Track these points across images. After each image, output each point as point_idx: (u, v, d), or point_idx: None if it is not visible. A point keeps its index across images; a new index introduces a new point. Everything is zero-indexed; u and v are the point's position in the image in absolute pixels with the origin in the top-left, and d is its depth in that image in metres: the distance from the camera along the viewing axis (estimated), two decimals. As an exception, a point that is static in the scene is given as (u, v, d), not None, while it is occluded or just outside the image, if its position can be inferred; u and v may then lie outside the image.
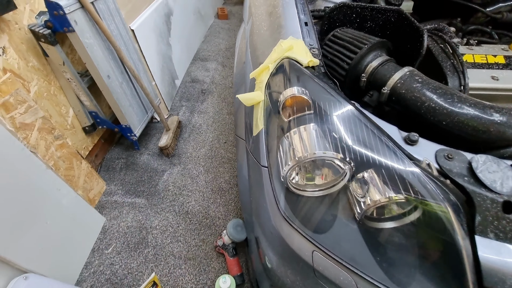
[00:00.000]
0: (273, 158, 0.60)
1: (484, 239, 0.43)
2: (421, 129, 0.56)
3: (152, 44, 1.58)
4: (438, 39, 0.70)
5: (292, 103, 0.57)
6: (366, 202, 0.48)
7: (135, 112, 1.32)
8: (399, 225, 0.49)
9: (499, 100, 0.65)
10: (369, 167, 0.49)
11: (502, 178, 0.45)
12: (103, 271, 1.03)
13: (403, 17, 0.69)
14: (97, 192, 1.26)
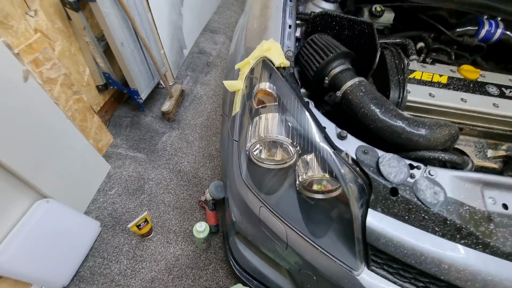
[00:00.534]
0: (243, 135, 0.77)
1: (374, 211, 0.61)
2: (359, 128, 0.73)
3: (164, 13, 1.68)
4: (396, 54, 0.83)
5: (262, 94, 0.73)
6: (304, 177, 0.66)
7: (143, 77, 1.48)
8: (325, 197, 0.67)
9: (433, 114, 0.80)
10: (311, 152, 0.67)
11: (397, 172, 0.61)
12: (105, 207, 1.27)
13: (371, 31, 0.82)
14: (105, 143, 1.46)
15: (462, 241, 0.58)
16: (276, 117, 0.71)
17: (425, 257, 0.58)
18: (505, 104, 0.78)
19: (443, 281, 0.59)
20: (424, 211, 0.59)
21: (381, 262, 0.64)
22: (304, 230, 0.69)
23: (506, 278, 0.55)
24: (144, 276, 1.10)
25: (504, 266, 0.56)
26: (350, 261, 0.64)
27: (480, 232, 0.57)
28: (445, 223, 0.58)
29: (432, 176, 0.62)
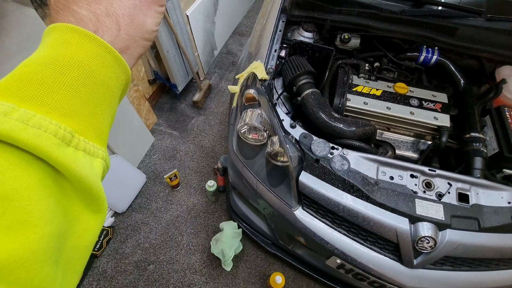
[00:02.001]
0: (236, 121, 1.20)
1: (305, 172, 1.00)
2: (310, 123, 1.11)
3: (200, 24, 2.14)
4: (346, 72, 1.18)
5: (248, 96, 1.15)
6: (269, 149, 1.07)
7: (181, 75, 1.98)
8: (281, 164, 1.08)
9: (366, 116, 1.15)
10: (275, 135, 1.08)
11: (321, 150, 1.00)
12: (150, 166, 1.81)
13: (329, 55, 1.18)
14: (151, 122, 2.00)
15: (354, 194, 0.96)
16: (256, 112, 1.12)
17: (331, 201, 0.97)
18: (419, 113, 1.11)
19: (341, 216, 0.97)
20: (333, 174, 0.97)
21: (308, 204, 1.04)
22: (265, 182, 1.11)
23: (376, 217, 0.92)
24: (172, 213, 1.62)
25: (376, 210, 0.93)
26: (290, 202, 1.05)
27: (366, 190, 0.95)
28: (344, 182, 0.96)
29: (345, 154, 1.00)
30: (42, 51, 0.20)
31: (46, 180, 0.17)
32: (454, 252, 0.89)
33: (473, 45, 1.17)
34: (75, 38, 0.20)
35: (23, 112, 0.16)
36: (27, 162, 0.16)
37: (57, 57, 0.19)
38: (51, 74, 0.18)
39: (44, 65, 0.19)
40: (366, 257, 0.98)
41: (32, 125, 0.16)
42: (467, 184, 0.94)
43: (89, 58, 0.20)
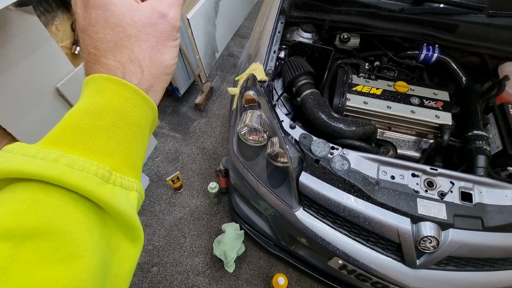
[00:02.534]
0: (236, 122, 1.21)
1: (305, 173, 1.00)
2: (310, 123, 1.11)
3: (201, 27, 2.16)
4: (346, 72, 1.18)
5: (248, 97, 1.15)
6: (269, 150, 1.08)
7: (182, 78, 1.99)
8: (281, 165, 1.08)
9: (366, 115, 1.14)
10: (274, 136, 1.08)
11: (321, 150, 1.00)
12: (153, 169, 1.83)
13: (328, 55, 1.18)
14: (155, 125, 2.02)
15: (355, 194, 0.95)
16: (256, 113, 1.13)
17: (331, 201, 0.96)
18: (420, 111, 1.10)
19: (342, 217, 0.97)
20: (333, 174, 0.96)
21: (309, 205, 1.04)
22: (266, 183, 1.11)
23: (377, 217, 0.92)
24: (175, 215, 1.63)
25: (377, 210, 0.92)
26: (291, 203, 1.05)
27: (367, 189, 0.94)
28: (345, 182, 0.95)
29: (344, 154, 0.99)
30: (82, 101, 0.24)
31: (90, 215, 0.20)
32: (458, 252, 0.88)
33: (475, 42, 1.16)
34: (107, 85, 0.23)
35: (69, 158, 0.20)
36: (75, 200, 0.20)
37: (94, 104, 0.23)
38: (90, 121, 0.22)
39: (84, 113, 0.22)
40: (368, 257, 0.97)
41: (77, 168, 0.20)
42: (470, 183, 0.93)
43: (121, 102, 0.23)
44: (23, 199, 0.18)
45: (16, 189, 0.19)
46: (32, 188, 0.19)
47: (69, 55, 1.24)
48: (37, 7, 1.07)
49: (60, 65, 1.17)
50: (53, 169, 0.19)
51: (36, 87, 1.09)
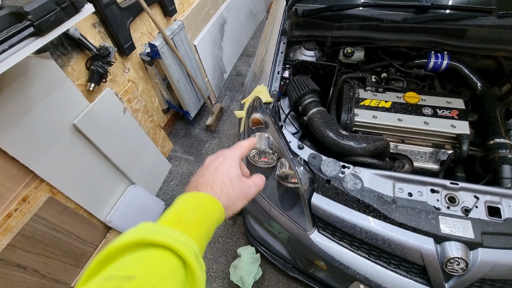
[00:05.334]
0: (245, 146, 1.21)
1: (316, 194, 0.98)
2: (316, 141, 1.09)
3: (207, 51, 2.23)
4: (352, 87, 1.16)
5: (255, 120, 1.16)
6: (279, 172, 1.06)
7: (192, 101, 2.05)
8: (292, 186, 1.06)
9: (377, 130, 1.11)
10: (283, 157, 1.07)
11: (332, 170, 0.97)
12: (168, 193, 1.85)
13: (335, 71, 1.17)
14: (168, 149, 2.07)
15: (371, 214, 0.91)
16: (263, 135, 1.12)
17: (346, 223, 0.93)
18: (434, 122, 1.05)
19: (358, 239, 0.92)
20: (346, 194, 0.93)
21: (323, 227, 1.00)
22: (278, 205, 1.09)
23: (397, 238, 0.86)
24: (191, 239, 1.62)
25: (396, 230, 0.87)
26: (304, 225, 1.02)
27: (383, 209, 0.89)
28: (359, 202, 0.91)
29: (356, 172, 0.96)
30: (190, 202, 0.39)
31: (176, 262, 0.31)
32: (491, 273, 0.80)
33: (487, 45, 1.11)
34: (209, 200, 0.40)
35: (173, 233, 0.33)
36: (183, 264, 0.32)
37: (200, 208, 0.38)
38: (197, 219, 0.37)
39: (193, 213, 0.37)
40: (391, 281, 0.92)
41: (189, 246, 0.32)
42: (497, 196, 0.86)
43: (214, 212, 0.40)
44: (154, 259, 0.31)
45: (152, 252, 0.31)
46: (159, 251, 0.31)
47: (84, 91, 1.31)
48: (54, 51, 1.15)
49: (76, 102, 1.24)
50: (175, 242, 0.31)
51: (54, 125, 1.16)
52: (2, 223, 1.03)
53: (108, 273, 0.28)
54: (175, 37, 1.73)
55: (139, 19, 1.63)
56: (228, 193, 0.42)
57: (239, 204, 0.45)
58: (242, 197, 0.45)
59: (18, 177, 1.08)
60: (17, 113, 1.02)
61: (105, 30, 1.41)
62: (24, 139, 1.05)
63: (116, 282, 0.26)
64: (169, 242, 0.31)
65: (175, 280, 0.29)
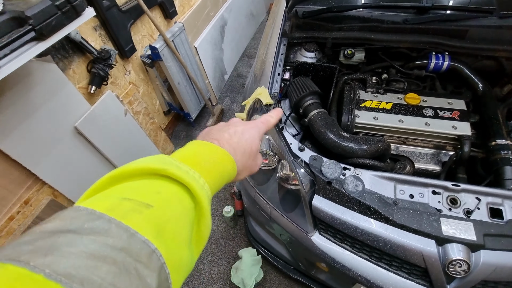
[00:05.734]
0: (246, 148, 1.21)
1: (317, 196, 0.98)
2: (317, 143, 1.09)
3: (208, 53, 2.23)
4: (352, 88, 1.16)
5: (255, 122, 1.16)
6: (280, 174, 1.06)
7: (193, 103, 2.05)
8: (293, 188, 1.07)
9: (378, 131, 1.11)
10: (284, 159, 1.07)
11: (333, 172, 0.97)
12: (169, 195, 1.85)
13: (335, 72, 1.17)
14: (169, 151, 2.07)
15: (372, 216, 0.91)
16: (264, 137, 1.13)
17: (347, 225, 0.92)
18: (435, 123, 1.05)
19: (360, 241, 0.92)
20: (347, 196, 0.93)
21: (325, 228, 1.00)
22: (279, 207, 1.09)
23: (398, 240, 0.86)
24: (192, 241, 1.63)
25: (398, 232, 0.87)
26: (305, 227, 1.02)
27: (384, 211, 0.89)
28: (360, 204, 0.91)
29: (357, 174, 0.96)
30: (208, 151, 0.38)
31: (189, 202, 0.31)
32: (493, 275, 0.80)
33: (488, 46, 1.10)
34: (229, 159, 0.39)
35: (193, 172, 0.32)
36: (187, 191, 0.31)
37: (211, 154, 0.37)
38: (212, 169, 0.35)
39: (210, 162, 0.36)
40: (393, 283, 0.91)
41: (205, 189, 0.32)
42: (499, 198, 0.86)
43: (229, 171, 0.39)
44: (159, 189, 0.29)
45: (163, 182, 0.30)
46: (177, 186, 0.30)
47: (85, 94, 1.32)
48: (55, 55, 1.16)
49: (77, 105, 1.25)
50: (185, 175, 0.30)
51: (56, 128, 1.17)
52: (5, 226, 1.04)
53: (123, 193, 0.26)
54: (175, 39, 1.74)
55: (139, 21, 1.64)
56: (243, 162, 0.42)
57: (244, 175, 0.45)
58: (249, 170, 0.45)
59: (20, 180, 1.08)
60: (19, 117, 1.02)
61: (106, 33, 1.42)
62: (26, 142, 1.05)
63: (134, 205, 0.25)
64: (189, 180, 0.30)
65: (186, 220, 0.29)
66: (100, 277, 0.19)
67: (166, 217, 0.26)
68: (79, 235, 0.20)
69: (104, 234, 0.21)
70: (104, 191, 0.27)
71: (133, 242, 0.22)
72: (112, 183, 0.29)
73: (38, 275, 0.17)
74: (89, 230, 0.21)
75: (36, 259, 0.18)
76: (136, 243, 0.22)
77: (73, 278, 0.18)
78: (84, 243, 0.20)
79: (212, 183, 0.34)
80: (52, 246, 0.19)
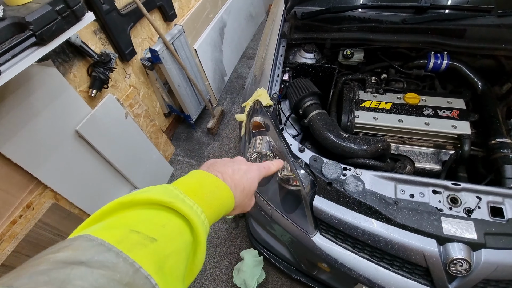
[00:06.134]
0: (245, 148, 1.21)
1: (318, 197, 0.98)
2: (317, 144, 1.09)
3: (208, 55, 2.24)
4: (352, 89, 1.16)
5: (255, 123, 1.16)
6: (281, 175, 1.07)
7: (193, 105, 2.06)
8: (294, 189, 1.07)
9: (378, 131, 1.11)
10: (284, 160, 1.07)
11: (333, 172, 0.97)
12: (170, 197, 1.86)
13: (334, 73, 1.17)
14: (170, 153, 2.08)
15: (373, 216, 0.91)
16: (264, 138, 1.13)
17: (348, 225, 0.93)
18: (435, 122, 1.05)
19: (361, 241, 0.92)
20: (348, 196, 0.93)
21: (326, 229, 1.00)
22: (280, 208, 1.09)
23: (399, 240, 0.86)
24: (194, 242, 1.63)
25: (399, 232, 0.87)
26: (306, 228, 1.02)
27: (385, 211, 0.89)
28: (361, 204, 0.91)
29: (358, 174, 0.96)
30: (210, 184, 0.39)
31: (189, 237, 0.32)
32: (494, 274, 0.80)
33: (486, 45, 1.11)
34: (229, 194, 0.40)
35: (196, 207, 0.33)
36: (189, 227, 0.32)
37: (213, 188, 0.39)
38: (213, 204, 0.37)
39: (212, 196, 0.37)
40: (394, 283, 0.91)
41: (205, 225, 0.33)
42: (499, 196, 0.86)
43: (227, 207, 0.40)
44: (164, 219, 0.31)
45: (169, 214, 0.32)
46: (180, 220, 0.32)
47: (86, 98, 1.32)
48: (56, 59, 1.17)
49: (78, 109, 1.26)
50: (189, 209, 0.32)
51: (57, 132, 1.17)
52: (7, 230, 1.04)
53: (131, 225, 0.28)
54: (175, 41, 1.74)
55: (139, 24, 1.65)
56: (241, 200, 0.43)
57: (237, 211, 0.47)
58: (242, 208, 0.48)
59: (22, 184, 1.09)
60: (21, 121, 1.03)
61: (106, 37, 1.43)
62: (28, 146, 1.06)
63: (140, 239, 0.26)
64: (192, 216, 0.31)
65: (185, 254, 0.30)
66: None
67: (167, 252, 0.28)
68: (90, 269, 0.22)
69: (112, 269, 0.23)
70: (113, 218, 0.29)
71: (137, 278, 0.24)
72: (120, 209, 0.30)
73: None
74: (99, 264, 0.22)
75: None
76: (139, 279, 0.24)
77: None
78: (94, 277, 0.21)
79: (211, 217, 0.36)
80: (66, 279, 0.20)
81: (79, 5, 0.85)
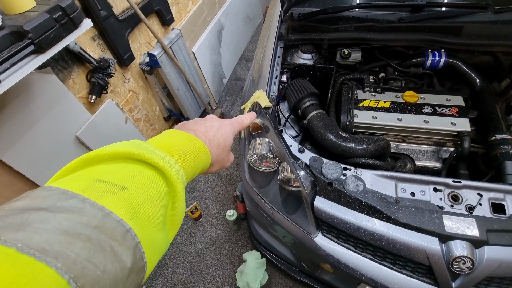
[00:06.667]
0: (246, 150, 1.21)
1: (319, 197, 0.98)
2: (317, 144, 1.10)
3: (206, 58, 2.25)
4: (350, 88, 1.16)
5: (255, 125, 1.16)
6: (281, 176, 1.07)
7: (193, 108, 2.06)
8: (295, 190, 1.07)
9: (377, 130, 1.11)
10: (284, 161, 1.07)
11: (333, 173, 0.97)
12: (172, 200, 1.86)
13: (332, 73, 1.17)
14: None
15: (374, 215, 0.91)
16: (264, 140, 1.13)
17: (350, 225, 0.92)
18: (434, 120, 1.05)
19: (363, 240, 0.92)
20: (348, 196, 0.93)
21: (327, 229, 1.00)
22: (281, 210, 1.09)
23: (401, 239, 0.86)
24: (197, 246, 1.63)
25: (400, 230, 0.87)
26: (308, 228, 1.02)
27: (386, 210, 0.89)
28: (362, 204, 0.91)
29: (358, 174, 0.96)
30: (184, 140, 0.37)
31: (164, 186, 0.30)
32: (498, 271, 0.80)
33: (484, 41, 1.11)
34: (204, 150, 0.39)
35: (169, 158, 0.32)
36: (162, 176, 0.30)
37: (186, 142, 0.37)
38: (188, 158, 0.35)
39: (186, 150, 0.36)
40: (398, 282, 0.91)
41: (181, 175, 0.32)
42: (501, 193, 0.86)
43: (203, 162, 0.39)
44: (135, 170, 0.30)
45: (141, 167, 0.30)
46: (151, 170, 0.30)
47: (86, 104, 1.33)
48: (55, 66, 1.17)
49: (78, 115, 1.26)
50: (160, 160, 0.30)
51: (58, 139, 1.18)
52: (10, 237, 1.04)
53: (97, 175, 0.26)
54: (173, 45, 1.75)
55: (137, 29, 1.66)
56: (217, 155, 0.43)
57: (216, 168, 0.46)
58: (221, 164, 0.47)
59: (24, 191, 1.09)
60: (21, 128, 1.04)
61: (104, 43, 1.44)
62: (29, 153, 1.07)
63: (108, 187, 0.24)
64: (165, 165, 0.30)
65: (161, 203, 0.29)
66: (74, 253, 0.19)
67: (140, 199, 0.26)
68: (52, 213, 0.20)
69: (78, 212, 0.21)
70: (76, 173, 0.27)
71: (107, 221, 0.22)
72: (84, 165, 0.28)
73: (10, 249, 0.17)
74: (62, 209, 0.20)
75: (7, 234, 0.17)
76: (110, 222, 0.22)
77: (46, 252, 0.17)
78: (57, 220, 0.19)
79: (187, 169, 0.34)
80: (23, 222, 0.18)
81: (77, 12, 0.86)
